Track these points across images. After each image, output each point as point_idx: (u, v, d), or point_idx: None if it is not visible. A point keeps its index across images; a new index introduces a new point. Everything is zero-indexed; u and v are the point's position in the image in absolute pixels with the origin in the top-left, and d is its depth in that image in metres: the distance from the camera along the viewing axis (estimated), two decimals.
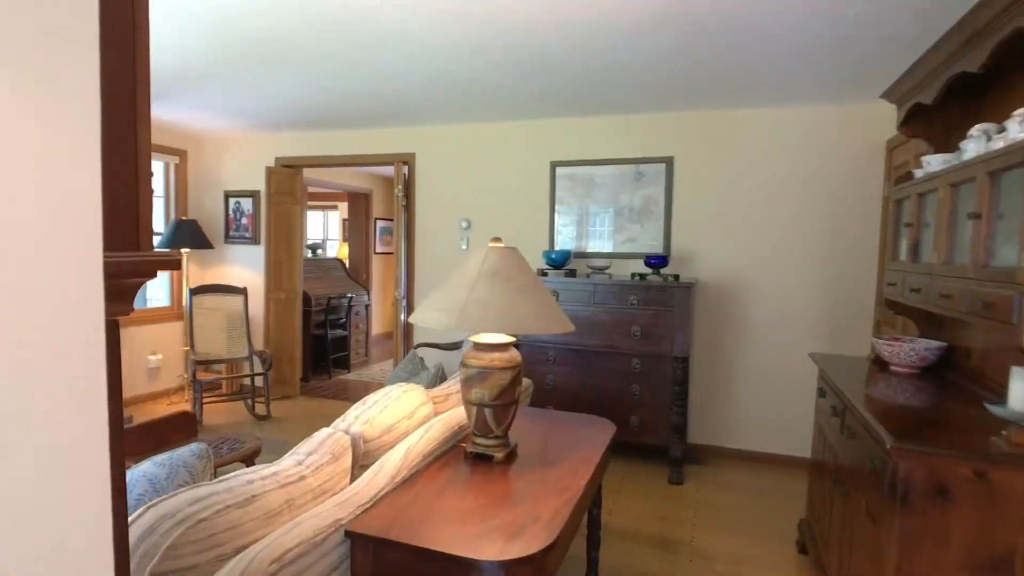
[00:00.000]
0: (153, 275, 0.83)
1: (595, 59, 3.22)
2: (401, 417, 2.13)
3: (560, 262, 4.36)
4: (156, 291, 5.67)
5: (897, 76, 2.86)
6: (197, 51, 3.24)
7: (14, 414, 0.53)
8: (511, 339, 2.08)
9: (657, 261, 4.09)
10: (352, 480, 1.86)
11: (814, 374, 4.11)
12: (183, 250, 5.36)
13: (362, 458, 1.95)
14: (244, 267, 5.74)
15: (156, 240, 5.46)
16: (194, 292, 5.05)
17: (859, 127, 3.98)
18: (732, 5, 2.51)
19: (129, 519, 1.36)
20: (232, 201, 5.73)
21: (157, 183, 5.61)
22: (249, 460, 3.33)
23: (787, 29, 2.74)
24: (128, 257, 0.78)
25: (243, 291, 5.21)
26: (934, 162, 2.40)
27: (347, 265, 8.20)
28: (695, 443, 4.44)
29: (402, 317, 5.05)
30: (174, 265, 0.82)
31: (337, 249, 9.87)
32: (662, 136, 4.42)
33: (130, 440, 3.15)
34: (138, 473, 1.62)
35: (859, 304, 4.04)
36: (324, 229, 10.33)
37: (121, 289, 0.80)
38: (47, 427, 0.56)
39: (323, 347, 6.60)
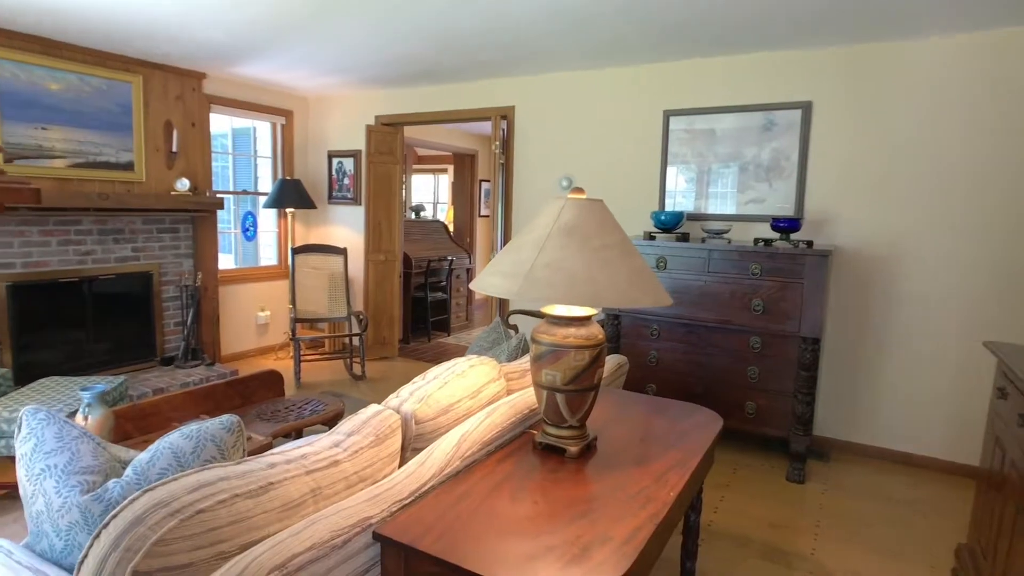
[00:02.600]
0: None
1: None
2: (463, 396, 1.86)
3: (671, 225, 3.88)
4: (266, 249, 5.83)
5: None
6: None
7: None
8: (591, 311, 1.72)
9: (787, 224, 3.50)
10: (402, 466, 1.62)
11: (986, 367, 3.39)
12: (288, 209, 5.44)
13: (414, 441, 1.70)
14: (346, 227, 5.75)
15: (263, 200, 5.58)
16: (296, 252, 5.10)
17: None
18: None
19: (123, 502, 1.19)
20: (335, 161, 5.72)
21: (264, 143, 5.71)
22: (331, 423, 3.25)
23: None
24: None
25: (343, 251, 5.20)
26: None
27: (451, 228, 8.10)
28: (820, 435, 3.85)
29: None
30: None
31: (445, 212, 9.83)
32: (797, 78, 3.75)
33: (215, 396, 3.16)
34: (164, 444, 1.47)
35: None
36: (434, 192, 10.32)
37: None
38: None
39: (423, 309, 6.55)
